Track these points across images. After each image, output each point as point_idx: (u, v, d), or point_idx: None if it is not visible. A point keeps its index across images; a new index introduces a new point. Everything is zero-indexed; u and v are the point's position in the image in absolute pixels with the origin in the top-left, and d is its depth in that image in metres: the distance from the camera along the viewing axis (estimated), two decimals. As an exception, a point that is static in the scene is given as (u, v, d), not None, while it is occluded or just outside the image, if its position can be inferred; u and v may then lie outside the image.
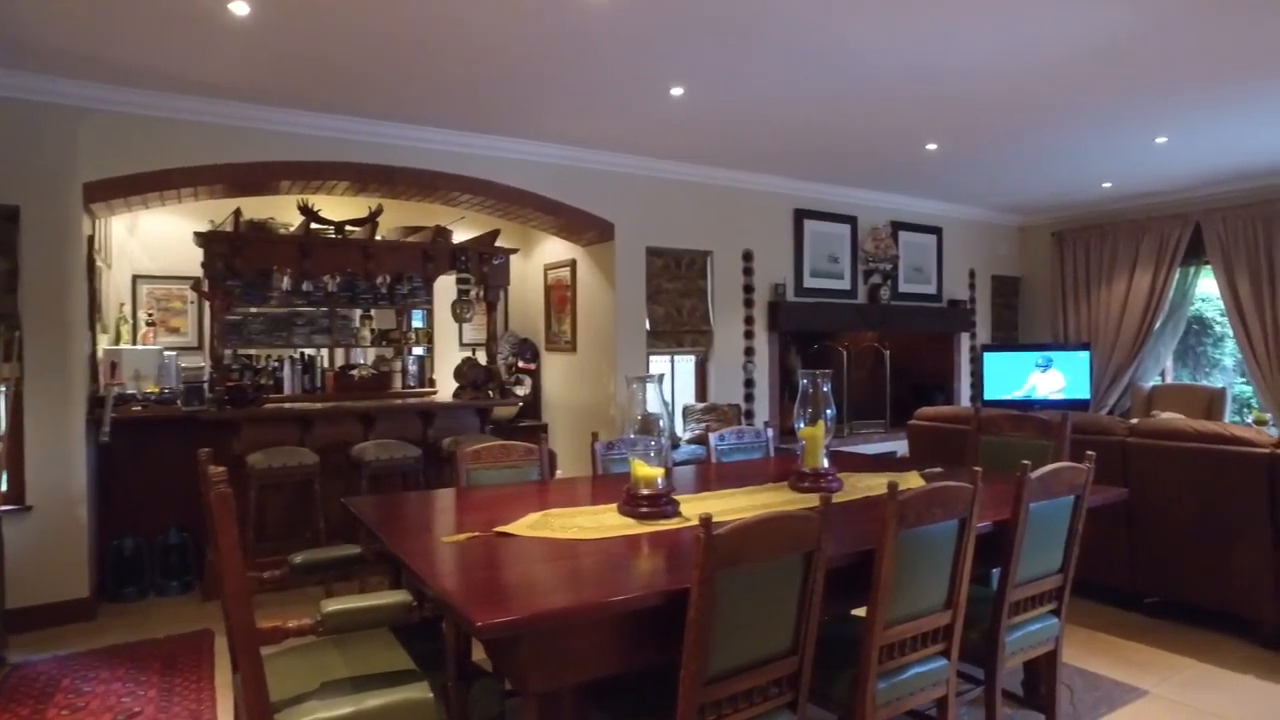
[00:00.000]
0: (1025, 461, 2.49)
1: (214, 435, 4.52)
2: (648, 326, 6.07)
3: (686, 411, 6.24)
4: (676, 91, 4.50)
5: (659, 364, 6.35)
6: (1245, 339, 7.02)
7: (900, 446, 6.82)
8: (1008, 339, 8.66)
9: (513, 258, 6.87)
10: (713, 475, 3.61)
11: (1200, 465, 3.83)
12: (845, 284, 7.22)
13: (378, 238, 5.66)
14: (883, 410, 7.62)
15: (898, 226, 7.58)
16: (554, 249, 6.67)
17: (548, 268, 6.83)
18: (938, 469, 3.55)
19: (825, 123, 5.13)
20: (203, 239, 4.96)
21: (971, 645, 2.58)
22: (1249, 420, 6.70)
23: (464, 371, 5.64)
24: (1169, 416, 6.77)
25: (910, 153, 5.88)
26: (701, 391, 6.46)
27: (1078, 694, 3.32)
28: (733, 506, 2.76)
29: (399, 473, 4.91)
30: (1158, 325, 7.65)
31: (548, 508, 2.80)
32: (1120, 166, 6.36)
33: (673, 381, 6.44)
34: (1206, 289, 10.64)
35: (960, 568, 2.35)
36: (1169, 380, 8.26)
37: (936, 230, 7.92)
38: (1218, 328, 11.71)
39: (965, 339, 8.16)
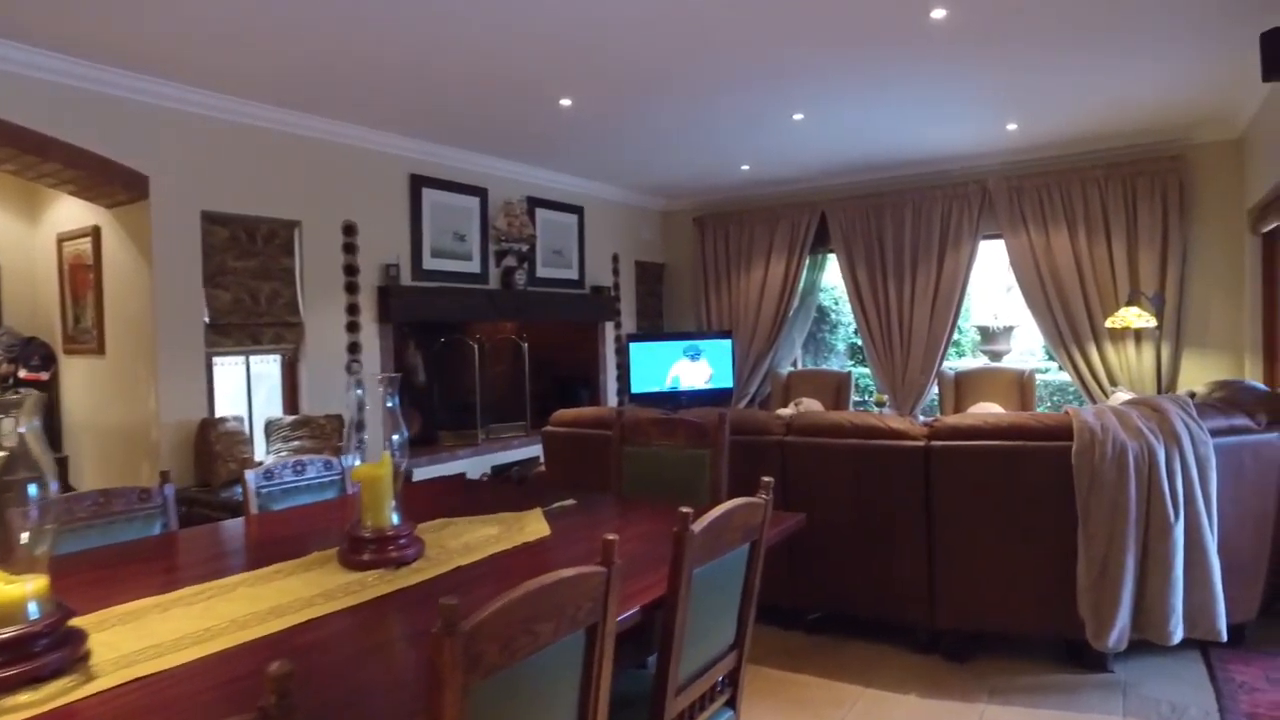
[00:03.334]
0: (685, 510, 1.59)
1: None
2: (207, 318, 4.52)
3: (270, 428, 4.79)
4: (203, -25, 3.11)
5: (228, 367, 4.81)
6: (864, 323, 7.23)
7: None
8: (653, 328, 8.28)
9: (17, 226, 4.92)
10: (245, 538, 2.35)
11: (858, 462, 3.36)
12: (474, 266, 6.20)
13: None
14: (524, 409, 6.74)
15: (535, 203, 6.74)
16: (71, 213, 4.79)
17: (62, 239, 4.92)
18: (568, 501, 2.63)
19: (435, 57, 4.02)
20: None
21: (616, 788, 1.66)
22: (871, 401, 6.89)
23: (-115, 389, 3.67)
24: (809, 404, 6.72)
25: (543, 111, 5.00)
26: (291, 401, 5.04)
27: (749, 772, 2.61)
28: (213, 623, 1.55)
29: None
30: (791, 312, 7.68)
31: None
32: (760, 146, 6.09)
33: (249, 389, 4.93)
34: (824, 281, 11.42)
35: (592, 701, 1.39)
36: (800, 366, 8.44)
37: (578, 210, 7.22)
38: (833, 315, 12.69)
39: (610, 328, 7.59)
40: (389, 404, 2.03)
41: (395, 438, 2.02)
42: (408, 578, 1.85)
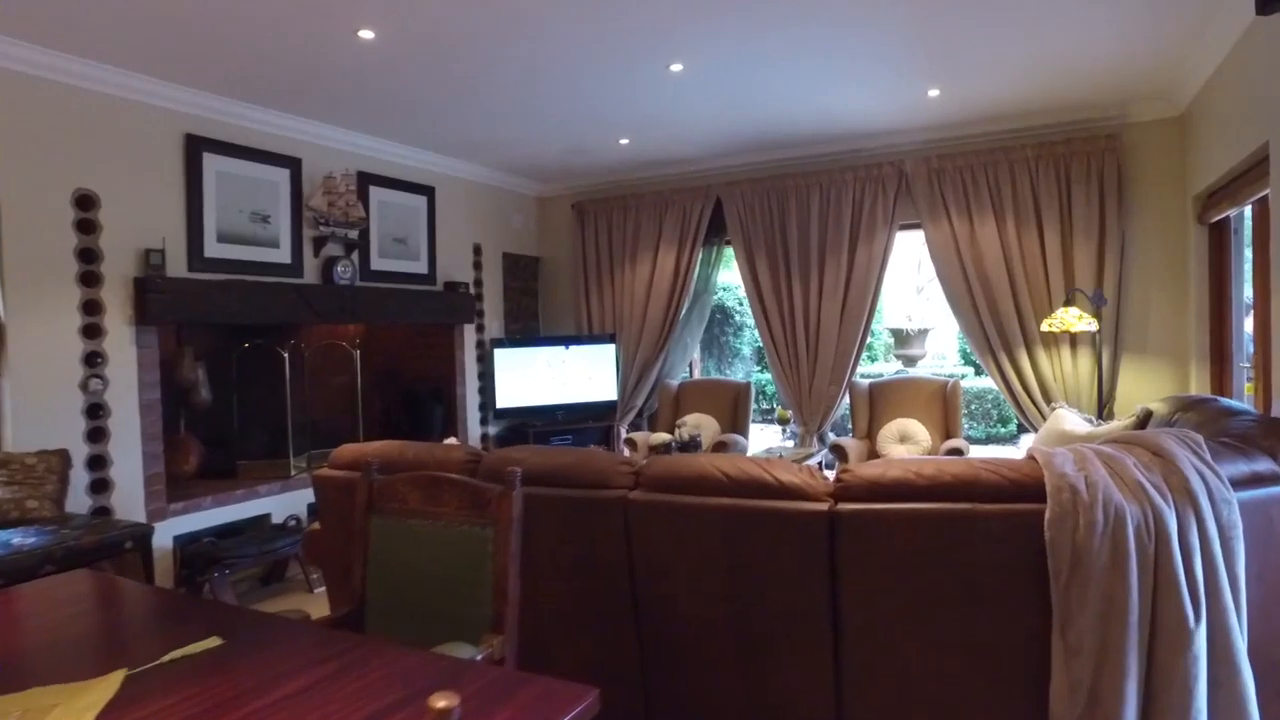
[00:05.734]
0: None
1: None
2: None
3: (-49, 471, 3.45)
4: None
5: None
6: (765, 326, 6.25)
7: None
8: (527, 331, 7.14)
9: None
10: None
11: (734, 531, 2.30)
12: (282, 255, 4.93)
13: None
14: (356, 431, 5.51)
15: (369, 180, 5.52)
16: None
17: None
18: (205, 644, 1.48)
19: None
20: None
21: None
22: (774, 418, 5.91)
23: None
24: (698, 422, 5.69)
25: (340, 46, 3.81)
26: (-9, 432, 3.70)
27: None
28: None
29: None
30: (683, 313, 6.64)
31: None
32: (636, 111, 5.02)
33: (-87, 419, 3.58)
34: (728, 279, 10.48)
35: None
36: (699, 374, 7.44)
37: (427, 191, 6.02)
38: (738, 317, 11.78)
39: (470, 331, 6.41)
40: None
41: None
42: None
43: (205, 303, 4.38)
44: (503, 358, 6.44)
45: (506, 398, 6.45)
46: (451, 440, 3.78)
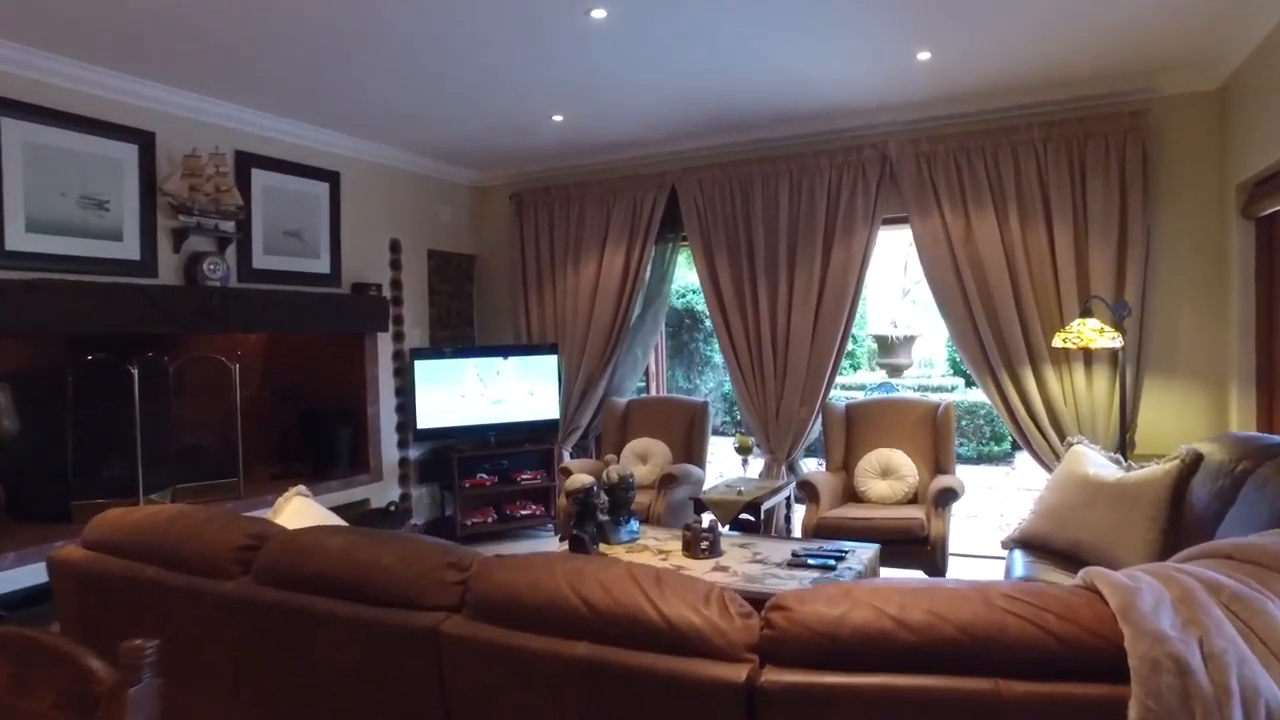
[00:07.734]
0: None
1: None
2: None
3: None
4: None
5: None
6: (726, 336, 5.37)
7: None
8: (460, 339, 6.23)
9: None
10: None
11: (597, 698, 1.41)
12: (128, 250, 4.01)
13: None
14: (234, 462, 4.58)
15: (250, 162, 4.60)
16: None
17: None
18: None
19: None
20: None
21: None
22: (734, 445, 5.02)
23: None
24: (641, 451, 4.77)
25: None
26: None
27: None
28: None
29: None
30: (634, 318, 5.75)
31: None
32: (561, 75, 4.13)
33: None
34: (696, 281, 9.60)
35: None
36: (662, 385, 6.53)
37: (330, 176, 5.10)
38: (708, 322, 10.88)
39: (386, 341, 5.50)
40: None
41: None
42: None
43: (23, 309, 3.44)
44: (424, 371, 5.54)
45: (429, 417, 5.55)
46: (298, 490, 2.87)
